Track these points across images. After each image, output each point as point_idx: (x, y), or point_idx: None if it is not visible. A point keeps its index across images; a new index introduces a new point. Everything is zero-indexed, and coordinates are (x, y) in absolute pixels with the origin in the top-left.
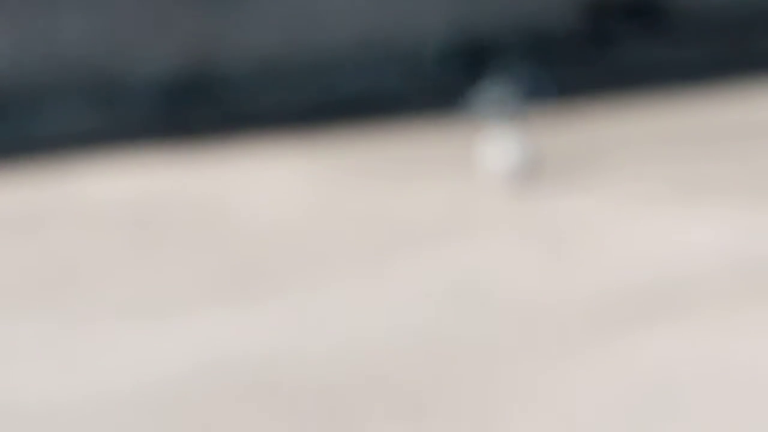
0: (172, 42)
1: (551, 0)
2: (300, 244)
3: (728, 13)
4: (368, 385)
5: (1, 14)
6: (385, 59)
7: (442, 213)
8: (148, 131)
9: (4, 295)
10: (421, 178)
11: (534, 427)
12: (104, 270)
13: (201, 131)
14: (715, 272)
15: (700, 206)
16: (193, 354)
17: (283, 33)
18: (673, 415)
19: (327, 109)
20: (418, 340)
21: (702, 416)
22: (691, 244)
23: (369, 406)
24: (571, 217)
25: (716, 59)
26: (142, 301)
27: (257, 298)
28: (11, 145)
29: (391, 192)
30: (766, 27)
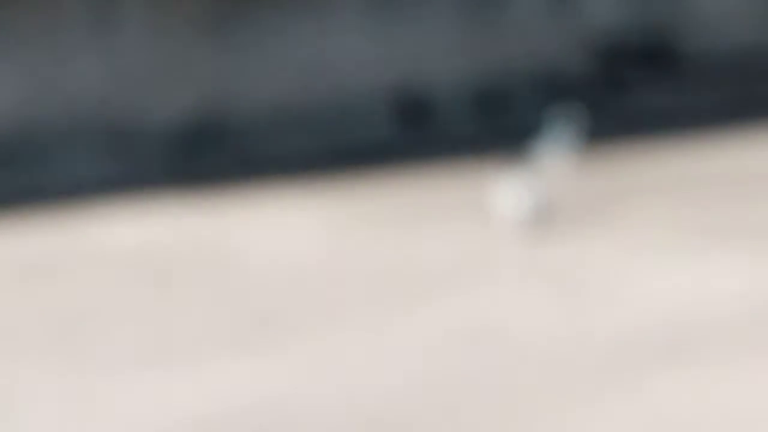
0: (185, 88)
1: (565, 46)
2: (314, 292)
3: (740, 59)
4: (386, 430)
5: (12, 61)
6: (397, 105)
7: (457, 259)
8: (162, 177)
9: (18, 341)
10: (435, 224)
11: None
12: (119, 317)
13: (214, 178)
14: (729, 318)
15: (713, 252)
16: (208, 400)
17: (295, 79)
18: None
19: (340, 156)
20: (435, 386)
21: None
22: (705, 290)
23: None
24: (585, 263)
25: (729, 104)
26: (157, 348)
27: (271, 344)
28: (25, 192)
29: (406, 238)
30: None
